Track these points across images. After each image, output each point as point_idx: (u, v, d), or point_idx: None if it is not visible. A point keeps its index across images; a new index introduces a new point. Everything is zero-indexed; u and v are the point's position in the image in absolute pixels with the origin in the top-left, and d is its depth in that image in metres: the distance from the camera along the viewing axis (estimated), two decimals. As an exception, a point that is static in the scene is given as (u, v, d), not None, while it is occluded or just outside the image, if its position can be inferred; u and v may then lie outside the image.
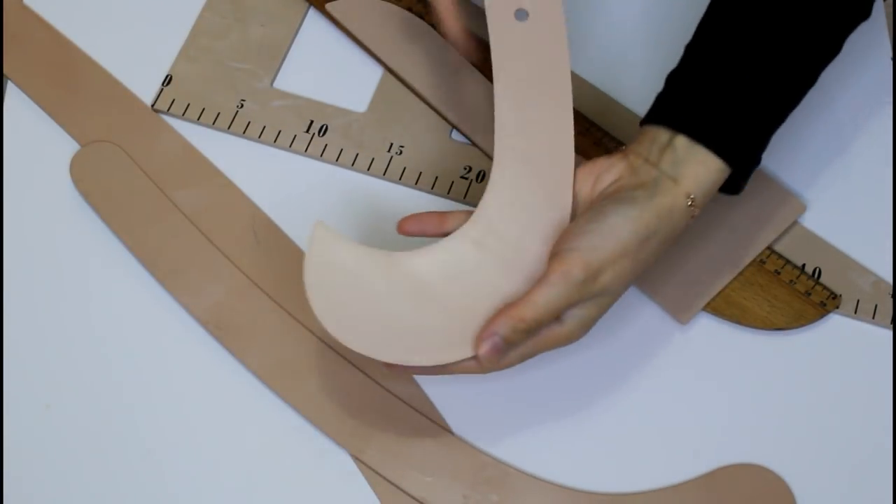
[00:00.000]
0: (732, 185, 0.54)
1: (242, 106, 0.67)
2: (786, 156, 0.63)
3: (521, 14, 0.56)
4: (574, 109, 0.65)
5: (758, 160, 0.55)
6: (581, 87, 0.67)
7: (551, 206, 0.54)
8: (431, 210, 0.56)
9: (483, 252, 0.54)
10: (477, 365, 0.52)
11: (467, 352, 0.52)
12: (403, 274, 0.54)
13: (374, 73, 0.68)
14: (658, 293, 0.61)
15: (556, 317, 0.51)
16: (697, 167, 0.52)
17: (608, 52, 0.68)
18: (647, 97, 0.56)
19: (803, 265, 0.61)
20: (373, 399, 0.58)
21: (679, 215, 0.52)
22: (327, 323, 0.52)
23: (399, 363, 0.52)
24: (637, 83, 0.66)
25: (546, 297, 0.50)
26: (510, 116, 0.55)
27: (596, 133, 0.65)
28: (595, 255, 0.51)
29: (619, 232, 0.51)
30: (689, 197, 0.52)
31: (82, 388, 0.59)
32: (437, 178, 0.64)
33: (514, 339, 0.51)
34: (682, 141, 0.53)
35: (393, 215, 0.63)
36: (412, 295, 0.53)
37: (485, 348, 0.51)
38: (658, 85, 0.56)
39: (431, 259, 0.54)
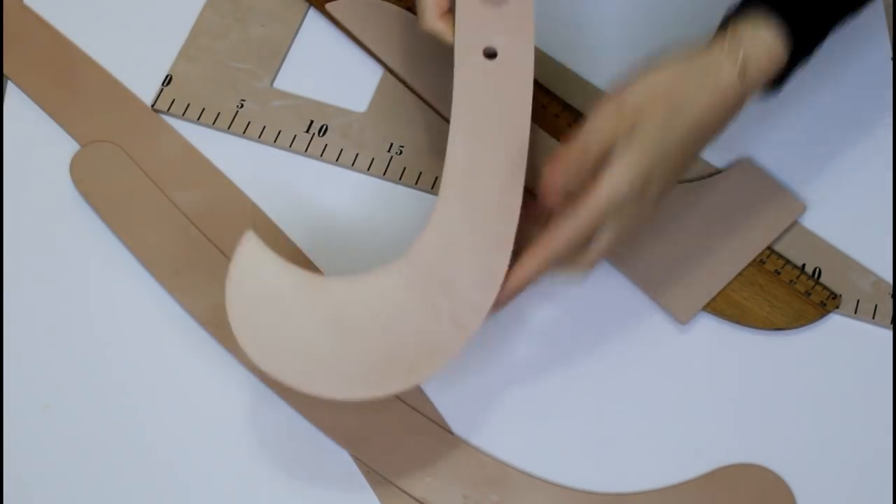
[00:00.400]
0: (779, 75, 0.53)
1: (242, 106, 0.67)
2: (786, 156, 0.63)
3: (490, 52, 0.55)
4: (571, 107, 0.65)
5: (811, 41, 0.53)
6: (578, 84, 0.66)
7: (491, 253, 0.52)
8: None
9: (412, 293, 0.52)
10: (552, 239, 0.51)
11: (386, 389, 0.51)
12: (326, 301, 0.52)
13: (374, 73, 0.68)
14: (658, 293, 0.61)
15: (601, 157, 0.50)
16: (746, 30, 0.52)
17: (608, 51, 0.68)
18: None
19: (803, 265, 0.61)
20: (372, 399, 0.58)
21: (720, 69, 0.52)
22: (246, 344, 0.51)
23: (319, 395, 0.51)
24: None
25: (583, 132, 0.50)
26: (462, 156, 0.54)
27: (596, 133, 0.65)
28: (627, 93, 0.51)
29: (651, 75, 0.51)
30: (723, 48, 0.52)
31: (82, 388, 0.59)
32: (437, 178, 0.64)
33: (572, 178, 0.50)
34: (734, 22, 0.52)
35: (393, 215, 0.63)
36: (332, 325, 0.51)
37: (550, 180, 0.50)
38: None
39: (358, 291, 0.52)
